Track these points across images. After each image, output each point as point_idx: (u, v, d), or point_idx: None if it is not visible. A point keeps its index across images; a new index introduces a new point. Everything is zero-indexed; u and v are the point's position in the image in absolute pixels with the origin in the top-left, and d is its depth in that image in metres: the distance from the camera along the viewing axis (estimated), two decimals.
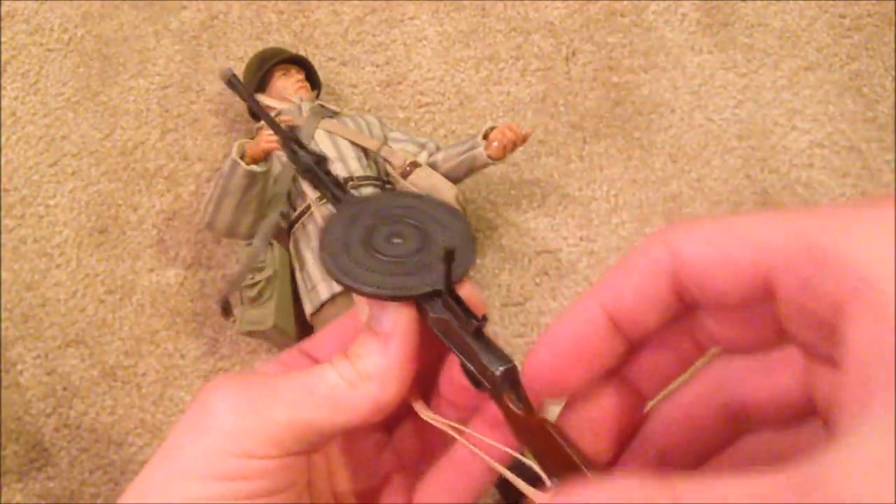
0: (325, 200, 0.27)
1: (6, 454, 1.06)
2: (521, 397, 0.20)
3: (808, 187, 1.19)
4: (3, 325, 1.12)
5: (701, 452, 0.20)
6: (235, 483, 0.19)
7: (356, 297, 0.22)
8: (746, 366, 0.19)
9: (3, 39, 1.30)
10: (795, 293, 0.14)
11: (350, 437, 0.24)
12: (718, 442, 0.20)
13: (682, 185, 1.19)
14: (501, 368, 0.20)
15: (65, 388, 1.09)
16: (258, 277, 1.00)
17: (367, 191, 0.99)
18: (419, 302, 0.21)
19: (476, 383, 0.21)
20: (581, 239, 1.16)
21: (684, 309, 0.17)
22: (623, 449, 0.20)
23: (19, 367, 1.10)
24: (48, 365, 1.10)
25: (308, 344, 0.24)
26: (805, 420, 0.18)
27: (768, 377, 0.18)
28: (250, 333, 1.02)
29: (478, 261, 1.15)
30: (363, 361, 0.21)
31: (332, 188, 0.25)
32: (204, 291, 1.14)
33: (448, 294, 0.21)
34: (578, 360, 0.18)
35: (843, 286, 0.13)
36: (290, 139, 0.26)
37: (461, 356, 0.21)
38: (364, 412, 0.20)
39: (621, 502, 0.14)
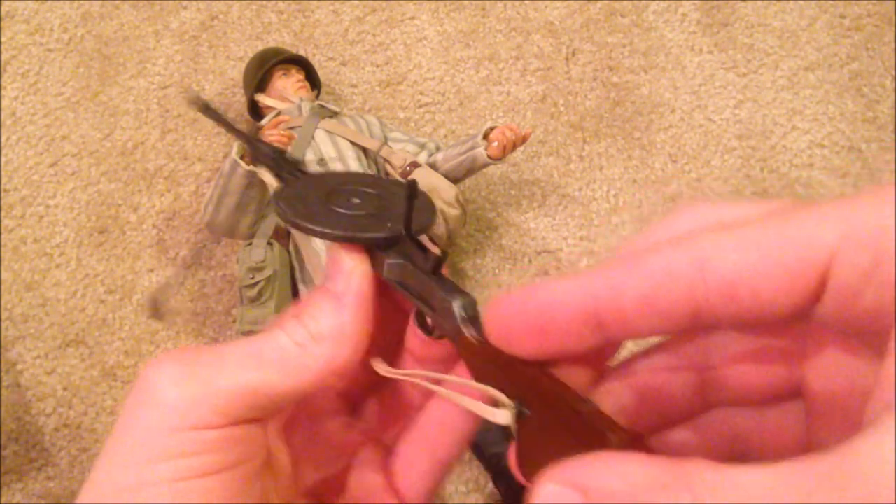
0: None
1: (6, 454, 1.06)
2: (483, 332, 0.19)
3: (808, 187, 1.19)
4: (3, 325, 1.12)
5: (664, 417, 0.19)
6: (185, 460, 0.18)
7: (314, 270, 0.22)
8: (732, 338, 0.18)
9: (3, 39, 1.30)
10: (852, 286, 0.13)
11: (312, 425, 0.23)
12: (685, 410, 0.19)
13: (682, 185, 1.19)
14: (460, 301, 0.19)
15: (65, 388, 1.09)
16: (258, 277, 1.00)
17: None
18: (374, 256, 0.21)
19: (428, 331, 0.20)
20: (581, 239, 1.16)
21: (692, 328, 0.15)
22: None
23: (19, 367, 1.10)
24: (48, 365, 1.10)
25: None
26: (782, 402, 0.17)
27: (754, 354, 0.17)
28: (250, 333, 1.02)
29: (478, 260, 1.15)
30: (315, 322, 0.20)
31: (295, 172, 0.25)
32: (204, 291, 1.14)
33: (407, 235, 0.20)
34: (539, 337, 0.16)
35: None
36: (252, 141, 0.26)
37: (419, 302, 0.20)
38: (316, 375, 0.19)
39: (629, 487, 0.12)
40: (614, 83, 1.26)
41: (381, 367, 0.22)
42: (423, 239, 0.21)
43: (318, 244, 0.97)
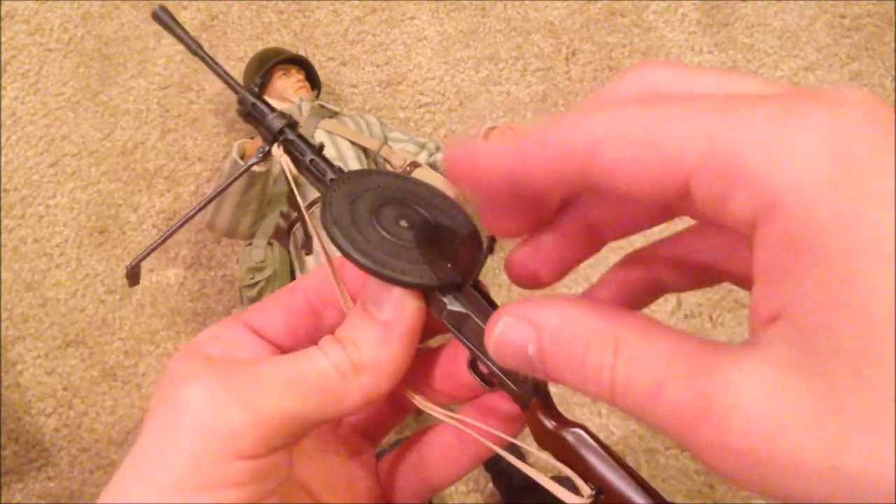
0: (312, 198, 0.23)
1: (6, 454, 1.06)
2: (550, 405, 0.19)
3: None
4: (3, 325, 1.12)
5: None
6: (230, 491, 0.17)
7: (335, 283, 0.21)
8: (664, 244, 0.20)
9: (3, 39, 1.30)
10: (709, 205, 0.13)
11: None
12: (645, 297, 0.21)
13: None
14: (532, 378, 0.19)
15: (65, 388, 1.09)
16: (258, 277, 1.00)
17: None
18: (429, 293, 0.20)
19: (487, 382, 0.20)
20: None
21: (588, 191, 0.16)
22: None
23: (19, 367, 1.10)
24: (48, 365, 1.10)
25: (251, 317, 0.21)
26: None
27: (679, 256, 0.19)
28: None
29: None
30: (358, 350, 0.19)
31: (312, 152, 0.23)
32: (204, 291, 1.14)
33: (476, 288, 0.20)
34: (477, 182, 0.17)
35: (755, 206, 0.12)
36: (252, 97, 0.24)
37: (479, 354, 0.20)
38: (354, 405, 0.19)
39: (569, 328, 0.15)
40: None
41: (423, 404, 0.21)
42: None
43: (317, 247, 0.97)
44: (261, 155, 0.24)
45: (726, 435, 0.12)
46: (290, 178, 0.23)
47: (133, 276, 0.30)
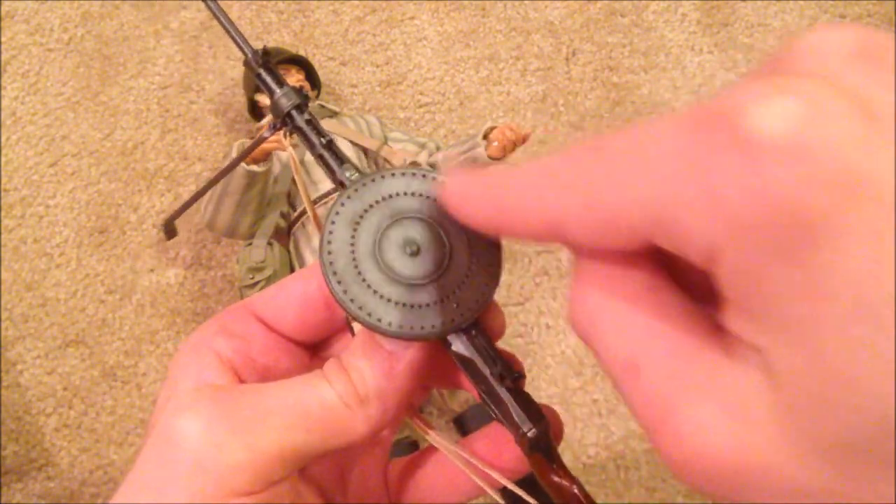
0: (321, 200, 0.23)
1: (6, 454, 1.06)
2: (553, 458, 0.19)
3: None
4: (3, 325, 1.12)
5: None
6: None
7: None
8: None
9: (3, 39, 1.30)
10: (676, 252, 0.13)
11: None
12: None
13: None
14: (533, 431, 0.19)
15: (65, 388, 1.09)
16: (258, 277, 1.00)
17: None
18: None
19: (500, 421, 0.20)
20: None
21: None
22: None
23: (19, 367, 1.10)
24: (48, 365, 1.10)
25: (262, 307, 0.21)
26: None
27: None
28: None
29: None
30: (362, 380, 0.19)
31: (320, 145, 0.21)
32: (204, 291, 1.14)
33: (477, 336, 0.19)
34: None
35: (702, 258, 0.12)
36: (257, 67, 0.23)
37: (483, 395, 0.19)
38: (359, 436, 0.19)
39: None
40: (614, 83, 1.26)
41: (432, 438, 0.21)
42: (493, 312, 0.20)
43: (315, 247, 0.97)
44: (272, 130, 0.23)
45: (686, 451, 0.12)
46: (295, 170, 0.22)
47: (170, 231, 0.30)
